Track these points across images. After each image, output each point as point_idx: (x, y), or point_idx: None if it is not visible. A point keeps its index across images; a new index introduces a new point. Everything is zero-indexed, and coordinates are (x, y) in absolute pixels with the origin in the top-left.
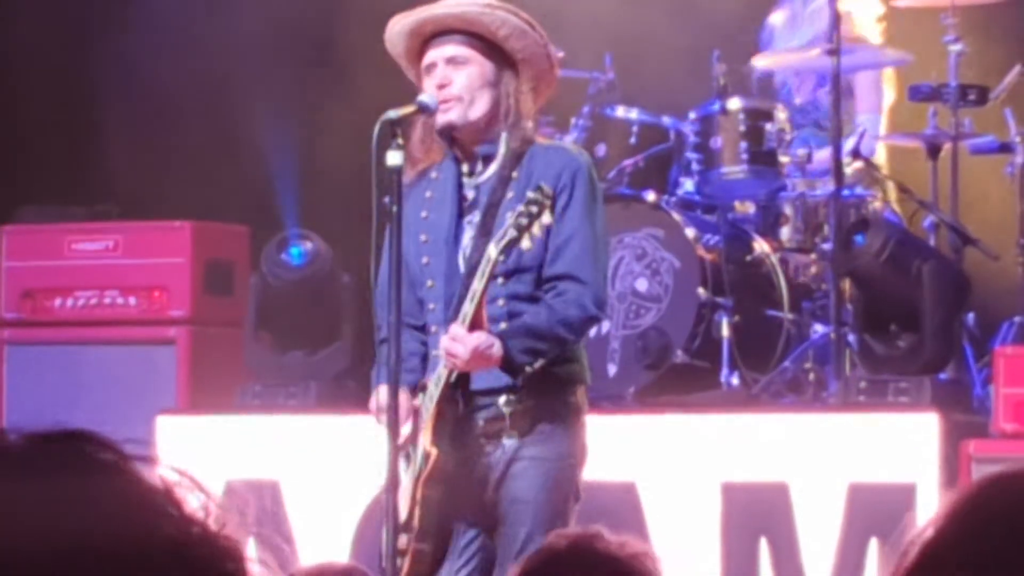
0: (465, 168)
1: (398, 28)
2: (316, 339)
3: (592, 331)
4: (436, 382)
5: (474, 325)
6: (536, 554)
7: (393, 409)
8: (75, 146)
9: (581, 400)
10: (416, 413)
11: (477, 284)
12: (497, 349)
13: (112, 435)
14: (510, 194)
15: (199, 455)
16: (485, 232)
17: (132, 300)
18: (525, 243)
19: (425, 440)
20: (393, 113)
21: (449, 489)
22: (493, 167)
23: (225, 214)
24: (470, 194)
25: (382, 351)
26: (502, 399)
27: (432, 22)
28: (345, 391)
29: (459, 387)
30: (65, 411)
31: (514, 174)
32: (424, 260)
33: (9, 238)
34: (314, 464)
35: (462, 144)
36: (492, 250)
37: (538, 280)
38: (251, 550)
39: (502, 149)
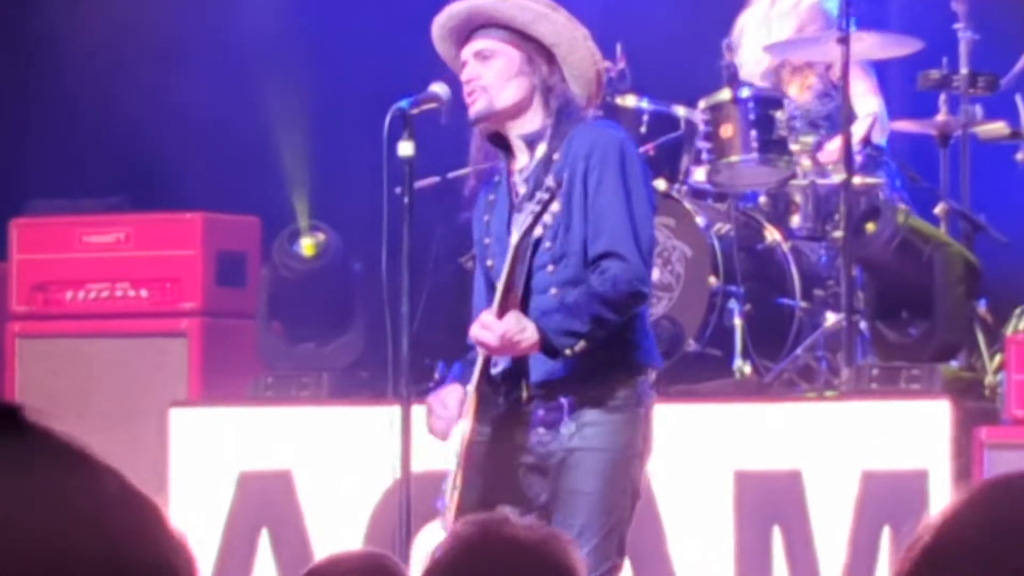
0: (517, 165)
1: (435, 35)
2: (328, 330)
3: None
4: (476, 370)
5: (505, 309)
6: (444, 543)
7: (406, 407)
8: (85, 139)
9: (643, 389)
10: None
11: (504, 269)
12: (531, 333)
13: (124, 427)
14: (550, 178)
15: (211, 447)
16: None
17: (143, 292)
18: (537, 230)
19: (465, 426)
20: (405, 103)
21: (493, 476)
22: (539, 154)
23: (236, 205)
24: (521, 188)
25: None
26: (560, 388)
27: (453, 19)
28: (357, 381)
29: (520, 376)
30: (77, 404)
31: (555, 156)
32: (489, 263)
33: (20, 231)
34: (327, 454)
35: (509, 139)
36: (514, 236)
37: (585, 263)
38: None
39: (547, 139)
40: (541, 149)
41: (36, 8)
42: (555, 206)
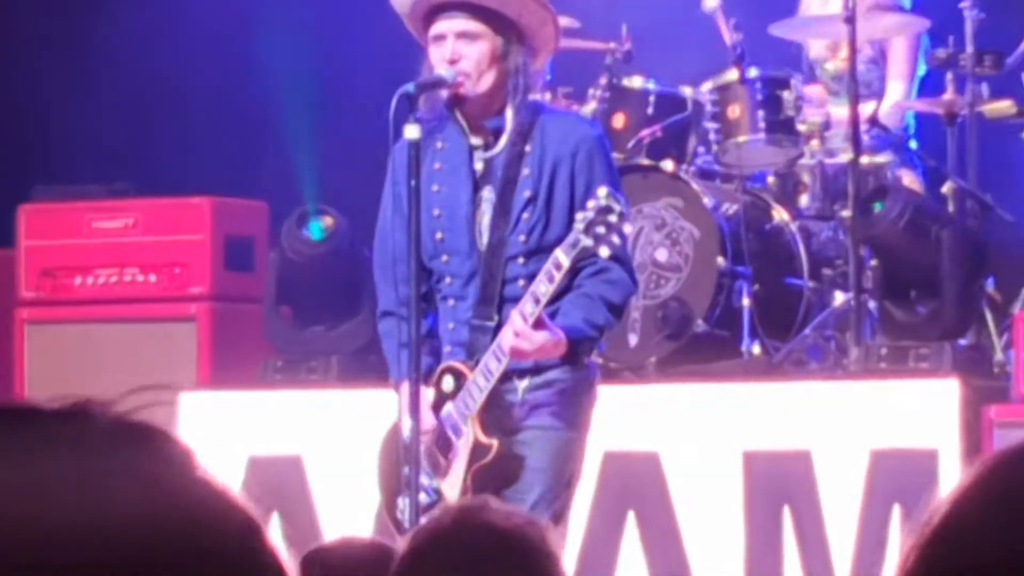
0: (474, 141)
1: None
2: (337, 313)
3: None
4: (484, 375)
5: (538, 319)
6: (422, 529)
7: (415, 395)
8: (92, 124)
9: (592, 371)
10: (441, 393)
11: (543, 288)
12: (563, 347)
13: (134, 414)
14: (526, 170)
15: (221, 431)
16: (504, 210)
17: (152, 277)
18: (603, 251)
19: (477, 431)
20: (411, 86)
21: (498, 470)
22: (504, 141)
23: (244, 190)
24: (479, 166)
25: (387, 325)
26: (516, 374)
27: None
28: (366, 365)
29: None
30: (86, 390)
31: (527, 147)
32: (438, 235)
33: (28, 217)
34: (336, 438)
35: (467, 115)
36: (563, 258)
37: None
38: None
39: (510, 123)
40: (506, 135)
41: None
42: (527, 193)
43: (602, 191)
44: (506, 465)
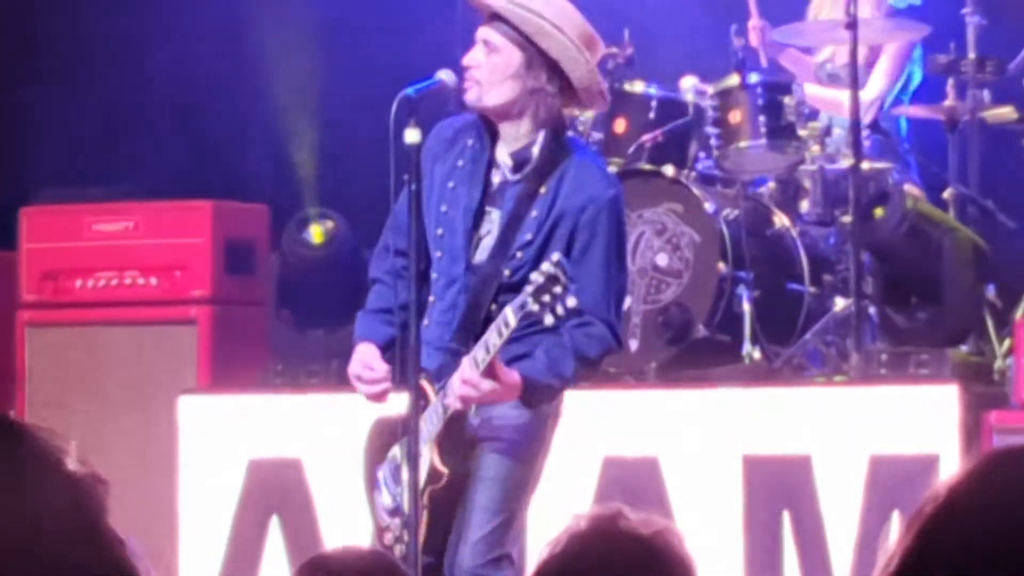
0: (499, 152)
1: None
2: (337, 317)
3: None
4: (443, 407)
5: (491, 367)
6: (559, 538)
7: (415, 408)
8: (93, 127)
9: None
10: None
11: (495, 339)
12: (517, 391)
13: (135, 416)
14: (534, 212)
15: (222, 435)
16: (504, 244)
17: (153, 280)
18: (547, 319)
19: (434, 456)
20: (411, 90)
21: (453, 493)
22: (525, 172)
23: (245, 193)
24: (496, 180)
25: (372, 294)
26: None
27: (475, 4)
28: None
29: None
30: (87, 392)
31: (542, 189)
32: (439, 231)
33: (29, 219)
34: (337, 442)
35: (496, 124)
36: (511, 317)
37: None
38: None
39: (535, 160)
40: (529, 168)
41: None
42: (528, 236)
43: (554, 257)
44: (459, 491)
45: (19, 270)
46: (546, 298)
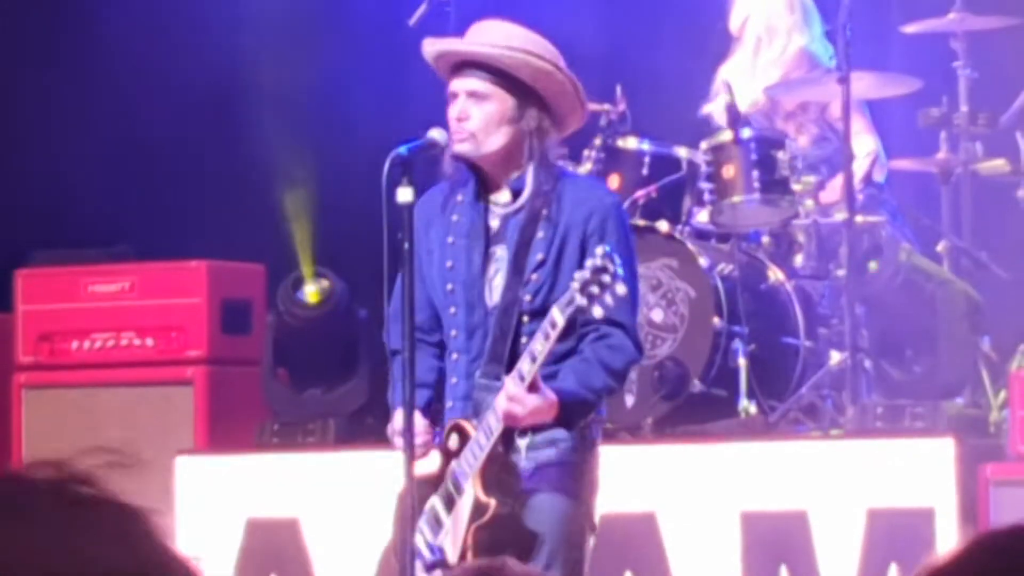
0: (492, 198)
1: (427, 52)
2: (333, 376)
3: None
4: (485, 433)
5: (534, 382)
6: None
7: (409, 433)
8: (89, 187)
9: (595, 432)
10: (447, 452)
11: (540, 346)
12: (555, 409)
13: (131, 477)
14: (540, 233)
15: (219, 494)
16: (518, 270)
17: (149, 341)
18: (596, 311)
19: (477, 489)
20: (403, 149)
21: (498, 531)
22: (522, 201)
23: (240, 253)
24: (494, 223)
25: (396, 364)
26: (517, 434)
27: (457, 56)
28: (363, 427)
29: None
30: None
31: (544, 210)
32: (449, 287)
33: (25, 281)
34: (334, 501)
35: (486, 173)
36: (558, 315)
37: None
38: None
39: (530, 187)
40: (525, 195)
41: (33, 56)
42: (540, 255)
43: (599, 250)
44: (508, 528)
45: (15, 332)
46: (594, 289)
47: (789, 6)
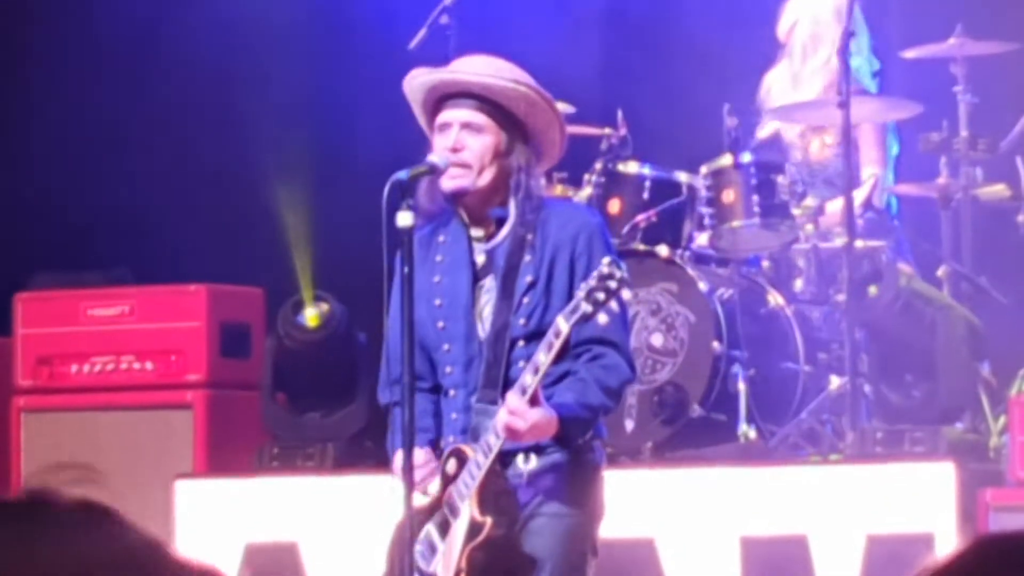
0: (474, 233)
1: (419, 81)
2: (333, 400)
3: None
4: (484, 451)
5: (535, 397)
6: None
7: (408, 471)
8: (87, 212)
9: (598, 455)
10: (445, 477)
11: (543, 357)
12: (555, 426)
13: (130, 501)
14: (527, 257)
15: (218, 518)
16: (506, 295)
17: (148, 365)
18: (602, 318)
19: (473, 509)
20: (403, 173)
21: (493, 552)
22: (505, 231)
23: (239, 277)
24: (480, 258)
25: (394, 416)
26: (519, 457)
27: (455, 86)
28: (363, 451)
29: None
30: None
31: (529, 236)
32: (439, 324)
33: (24, 305)
34: (333, 525)
35: (468, 207)
36: (563, 324)
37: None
38: None
39: (514, 217)
40: (509, 225)
41: (32, 81)
42: (529, 278)
43: (605, 259)
44: (503, 550)
45: (14, 356)
46: (600, 296)
47: (837, 15)
